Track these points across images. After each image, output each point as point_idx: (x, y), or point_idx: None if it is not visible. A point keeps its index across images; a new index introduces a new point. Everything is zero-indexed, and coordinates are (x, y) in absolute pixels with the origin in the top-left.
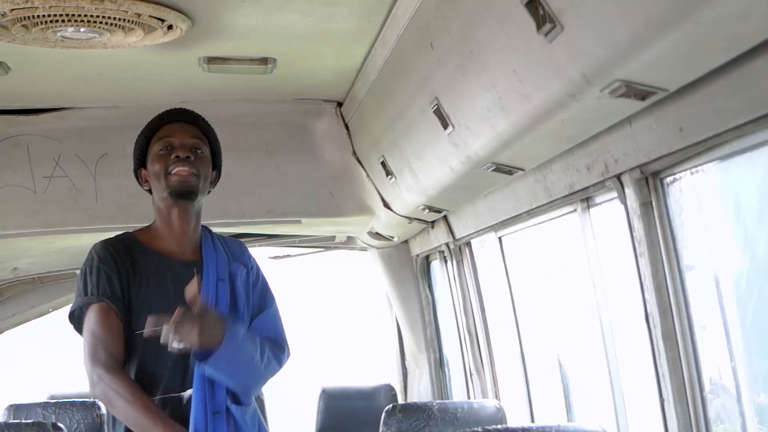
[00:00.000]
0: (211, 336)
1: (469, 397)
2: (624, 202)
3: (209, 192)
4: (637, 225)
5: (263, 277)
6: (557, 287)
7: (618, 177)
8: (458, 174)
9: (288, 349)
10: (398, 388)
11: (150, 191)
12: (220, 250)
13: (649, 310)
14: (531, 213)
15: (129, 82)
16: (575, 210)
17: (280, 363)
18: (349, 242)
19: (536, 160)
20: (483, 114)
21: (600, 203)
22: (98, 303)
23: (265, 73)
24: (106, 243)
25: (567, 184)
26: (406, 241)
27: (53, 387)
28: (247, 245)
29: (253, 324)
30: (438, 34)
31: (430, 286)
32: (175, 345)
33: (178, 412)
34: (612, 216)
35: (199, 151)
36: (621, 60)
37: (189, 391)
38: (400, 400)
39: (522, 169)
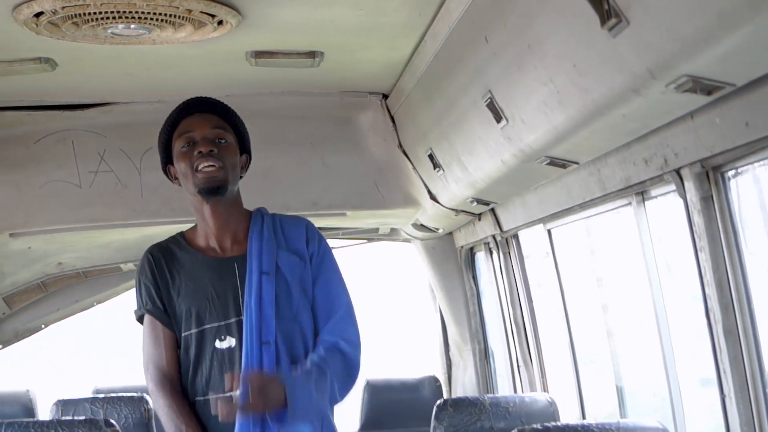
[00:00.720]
0: (275, 400)
1: (515, 390)
2: (683, 196)
3: (242, 177)
4: (698, 219)
5: (330, 263)
6: (608, 280)
7: (677, 171)
8: (510, 167)
9: (359, 348)
10: (442, 379)
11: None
12: (269, 238)
13: (709, 306)
14: (583, 206)
15: (174, 76)
16: (630, 203)
17: (351, 374)
18: (392, 234)
19: (592, 153)
20: (539, 108)
21: (655, 196)
22: (146, 315)
23: (311, 67)
24: (148, 251)
25: (623, 178)
26: (449, 233)
27: (98, 381)
28: None
29: (321, 325)
30: (493, 28)
31: (474, 278)
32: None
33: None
34: (668, 209)
35: (222, 141)
36: (689, 55)
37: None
38: (445, 392)
39: (577, 163)
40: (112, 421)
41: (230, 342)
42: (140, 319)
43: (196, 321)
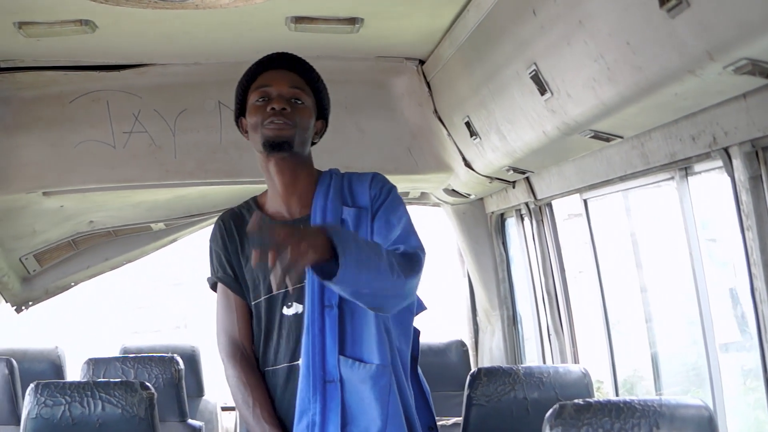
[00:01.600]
0: (315, 248)
1: (544, 358)
2: (731, 174)
3: (315, 142)
4: (745, 198)
5: (390, 200)
6: (644, 252)
7: (726, 149)
8: (551, 138)
9: (422, 250)
10: (469, 344)
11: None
12: (335, 196)
13: (755, 285)
14: (624, 178)
15: (213, 40)
16: (672, 178)
17: (415, 268)
18: (422, 198)
19: (638, 128)
20: (587, 82)
21: (699, 172)
22: (219, 283)
23: (351, 33)
24: (220, 218)
25: (668, 153)
26: (480, 199)
27: (126, 340)
28: None
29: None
30: (542, 2)
31: (504, 244)
32: (285, 281)
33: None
34: (712, 185)
35: (298, 102)
36: (750, 39)
37: None
38: (471, 357)
39: (621, 137)
40: (148, 383)
41: (297, 308)
42: (213, 287)
43: (265, 288)
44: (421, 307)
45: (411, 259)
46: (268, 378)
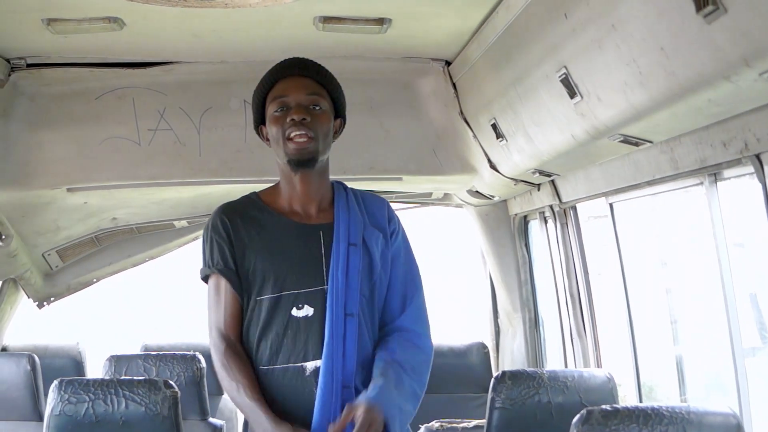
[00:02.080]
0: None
1: (566, 361)
2: (762, 180)
3: (335, 140)
4: None
5: (409, 245)
6: (670, 256)
7: (757, 156)
8: (579, 142)
9: (431, 349)
10: (490, 346)
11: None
12: (355, 211)
13: None
14: (651, 183)
15: (240, 38)
16: (701, 183)
17: (426, 376)
18: (445, 199)
19: (668, 133)
20: (618, 87)
21: (728, 178)
22: (213, 274)
23: (378, 33)
24: (220, 209)
25: (698, 158)
26: (504, 200)
27: (147, 338)
28: None
29: (396, 316)
30: (574, 5)
31: (527, 246)
32: None
33: (299, 383)
34: (742, 191)
35: (317, 108)
36: None
37: (313, 363)
38: (492, 359)
39: (650, 142)
40: (171, 382)
41: (308, 311)
42: (205, 279)
43: (274, 286)
44: None
45: (425, 376)
46: (262, 376)
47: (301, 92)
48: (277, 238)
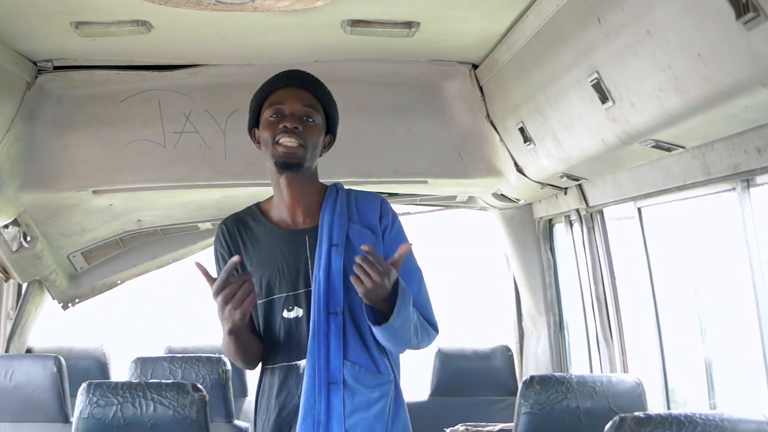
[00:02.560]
0: (390, 281)
1: (591, 365)
2: None
3: (322, 155)
4: None
5: (403, 238)
6: (700, 262)
7: None
8: (609, 147)
9: (437, 329)
10: (514, 349)
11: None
12: (341, 212)
13: None
14: (682, 188)
15: (267, 42)
16: (734, 189)
17: (429, 341)
18: (469, 202)
19: (701, 139)
20: (653, 92)
21: (761, 184)
22: None
23: (406, 37)
24: (224, 220)
25: (731, 164)
26: (528, 204)
27: (171, 340)
28: None
29: None
30: (607, 10)
31: (552, 249)
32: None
33: (295, 381)
34: None
35: (310, 120)
36: None
37: (305, 361)
38: (516, 363)
39: (683, 147)
40: (199, 386)
41: (297, 312)
42: None
43: (266, 291)
44: None
45: (429, 336)
46: (267, 376)
47: (297, 103)
48: (267, 246)
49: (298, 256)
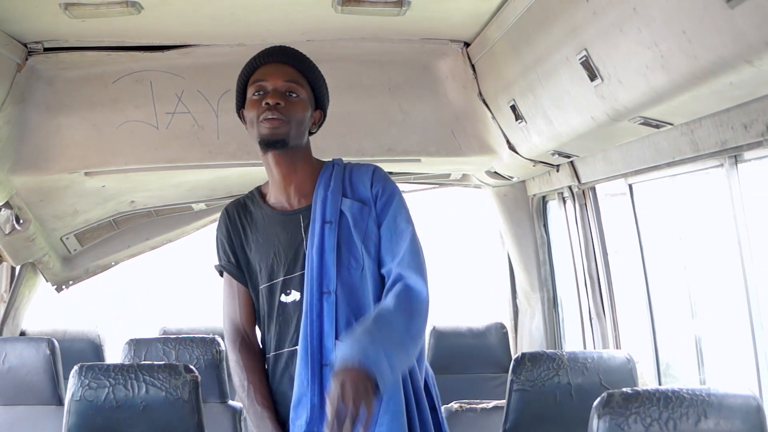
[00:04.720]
0: (370, 394)
1: (585, 341)
2: None
3: (313, 132)
4: None
5: (396, 202)
6: (689, 238)
7: None
8: (599, 124)
9: (425, 290)
10: (509, 326)
11: None
12: (336, 187)
13: None
14: (671, 164)
15: (258, 21)
16: (722, 165)
17: (422, 316)
18: (463, 180)
19: (688, 116)
20: (640, 70)
21: (748, 160)
22: (223, 270)
23: (397, 15)
24: (225, 208)
25: (718, 141)
26: (522, 181)
27: (166, 322)
28: None
29: (390, 271)
30: None
31: (545, 226)
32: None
33: (295, 366)
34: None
35: (293, 95)
36: None
37: None
38: (511, 339)
39: (671, 124)
40: (191, 366)
41: (295, 296)
42: (221, 273)
43: (266, 276)
44: None
45: (420, 315)
46: (271, 363)
47: (278, 78)
48: (264, 230)
49: (294, 237)
